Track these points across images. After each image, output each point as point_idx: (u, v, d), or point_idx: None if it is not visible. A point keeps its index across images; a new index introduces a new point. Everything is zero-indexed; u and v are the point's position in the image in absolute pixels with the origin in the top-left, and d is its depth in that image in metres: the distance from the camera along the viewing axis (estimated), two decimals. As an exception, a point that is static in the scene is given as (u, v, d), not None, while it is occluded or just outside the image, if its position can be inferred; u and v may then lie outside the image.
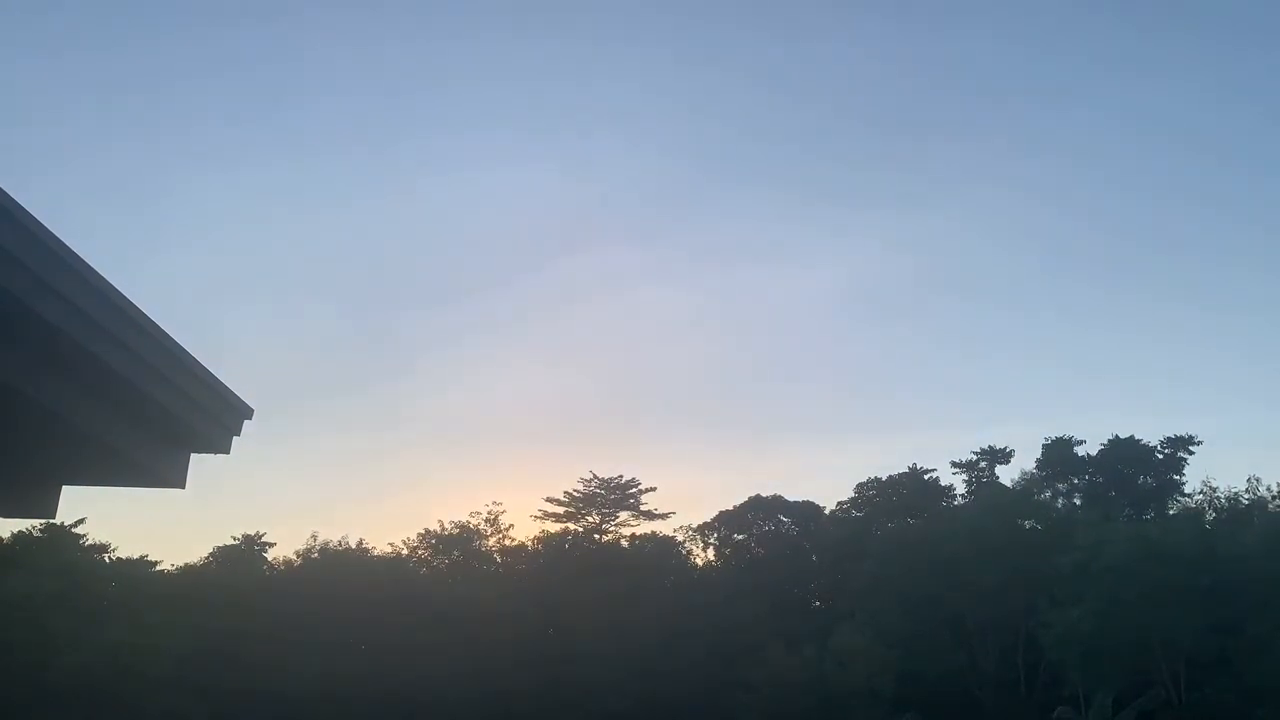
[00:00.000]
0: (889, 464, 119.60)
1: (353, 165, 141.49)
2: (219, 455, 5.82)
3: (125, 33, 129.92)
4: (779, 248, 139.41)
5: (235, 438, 5.78)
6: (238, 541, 78.99)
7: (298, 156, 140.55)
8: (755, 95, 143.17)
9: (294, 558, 76.41)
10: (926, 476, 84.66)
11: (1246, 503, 72.20)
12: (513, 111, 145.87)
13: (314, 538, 76.60)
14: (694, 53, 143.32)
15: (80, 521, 70.96)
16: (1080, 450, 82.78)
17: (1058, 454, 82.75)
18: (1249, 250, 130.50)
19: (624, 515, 79.17)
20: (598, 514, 78.94)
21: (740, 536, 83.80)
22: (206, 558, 78.68)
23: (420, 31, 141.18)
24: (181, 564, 79.48)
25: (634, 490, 78.67)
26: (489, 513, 78.15)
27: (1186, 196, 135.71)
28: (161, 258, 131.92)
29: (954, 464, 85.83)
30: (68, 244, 4.14)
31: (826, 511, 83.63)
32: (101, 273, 4.36)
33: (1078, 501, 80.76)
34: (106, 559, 74.36)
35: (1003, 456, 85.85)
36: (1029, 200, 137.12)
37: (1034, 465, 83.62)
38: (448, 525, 78.02)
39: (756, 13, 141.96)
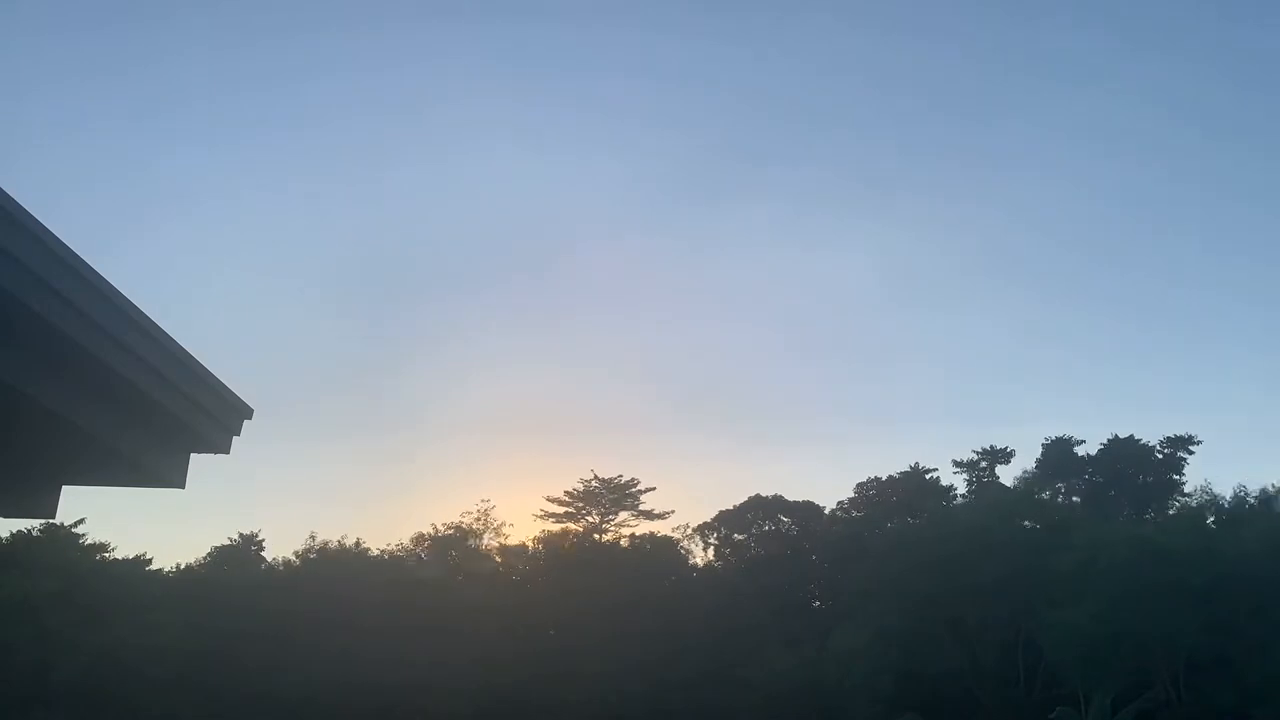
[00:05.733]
0: (889, 464, 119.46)
1: (353, 166, 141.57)
2: (219, 455, 5.82)
3: (126, 34, 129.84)
4: (778, 249, 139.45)
5: (235, 438, 5.78)
6: (236, 541, 79.01)
7: (298, 157, 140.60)
8: (752, 96, 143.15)
9: (292, 558, 76.41)
10: (927, 476, 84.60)
11: (1247, 503, 72.16)
12: (508, 107, 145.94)
13: (312, 538, 76.61)
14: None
15: (80, 521, 71.08)
16: (1080, 450, 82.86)
17: (1058, 454, 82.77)
18: (1249, 251, 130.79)
19: (624, 515, 79.17)
20: (598, 514, 78.91)
21: (740, 536, 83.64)
22: (205, 558, 78.76)
23: (420, 25, 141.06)
24: (181, 564, 79.64)
25: (634, 490, 78.63)
26: (479, 510, 77.99)
27: (1188, 198, 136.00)
28: (162, 258, 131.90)
29: (954, 464, 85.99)
30: (68, 244, 4.14)
31: (826, 511, 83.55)
32: (102, 273, 4.36)
33: (1077, 501, 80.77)
34: (106, 559, 74.35)
35: (1003, 456, 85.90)
36: (1029, 203, 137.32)
37: (1034, 465, 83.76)
38: (440, 527, 77.89)
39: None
